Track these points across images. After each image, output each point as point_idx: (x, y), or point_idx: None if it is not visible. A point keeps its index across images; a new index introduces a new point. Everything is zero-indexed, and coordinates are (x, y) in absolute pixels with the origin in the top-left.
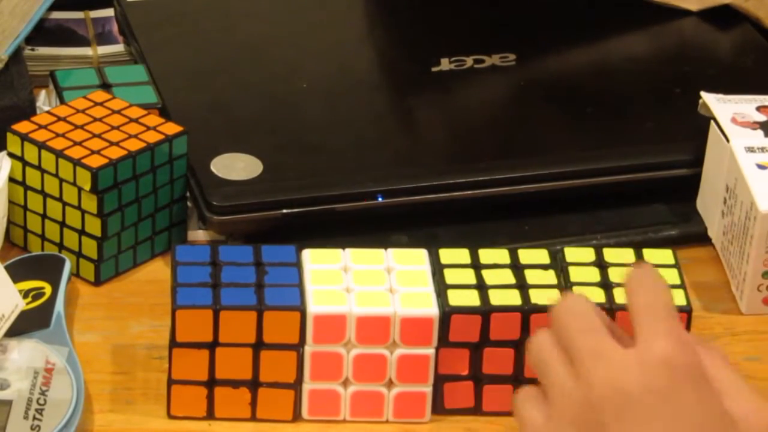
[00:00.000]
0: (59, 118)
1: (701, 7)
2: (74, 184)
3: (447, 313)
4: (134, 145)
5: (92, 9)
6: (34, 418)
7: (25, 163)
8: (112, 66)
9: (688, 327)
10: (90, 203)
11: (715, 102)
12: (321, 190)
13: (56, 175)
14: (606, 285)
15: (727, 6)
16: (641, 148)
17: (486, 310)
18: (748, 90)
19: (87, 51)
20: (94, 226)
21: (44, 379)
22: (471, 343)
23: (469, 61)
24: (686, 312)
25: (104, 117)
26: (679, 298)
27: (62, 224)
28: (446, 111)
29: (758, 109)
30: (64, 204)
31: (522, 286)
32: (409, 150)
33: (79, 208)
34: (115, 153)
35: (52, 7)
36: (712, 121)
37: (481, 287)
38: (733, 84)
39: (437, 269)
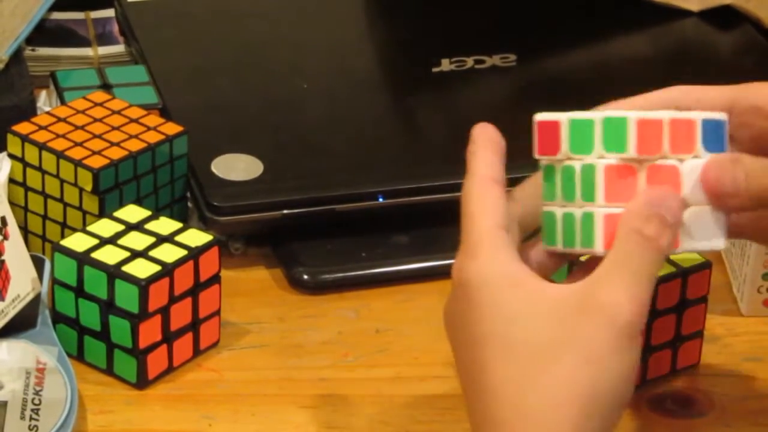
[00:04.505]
0: (59, 119)
1: (702, 8)
2: (75, 184)
3: None
4: (135, 146)
5: (93, 9)
6: (31, 418)
7: (26, 164)
8: (113, 66)
9: (708, 280)
10: (91, 204)
11: None
12: (321, 191)
13: (57, 176)
14: None
15: (728, 6)
16: None
17: None
18: None
19: (87, 51)
20: None
21: (37, 379)
22: None
23: (469, 61)
24: (707, 268)
25: (104, 117)
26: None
27: (63, 225)
28: (447, 111)
29: None
30: (65, 205)
31: None
32: (409, 150)
33: (80, 208)
34: (116, 153)
35: (53, 8)
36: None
37: None
38: (733, 85)
39: None
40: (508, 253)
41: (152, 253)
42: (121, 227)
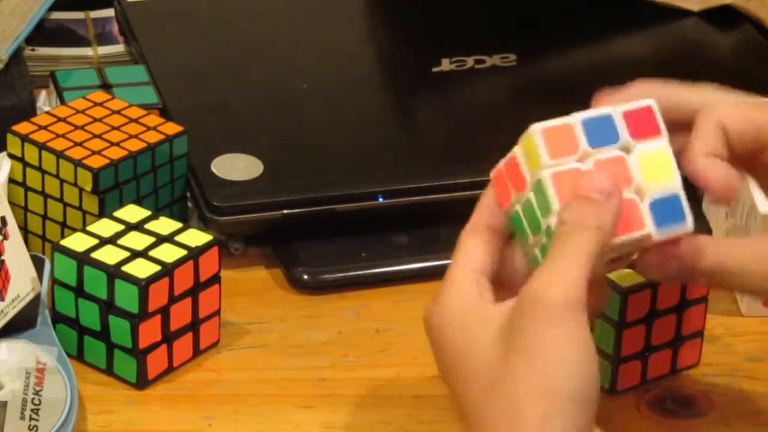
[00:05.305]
0: (59, 119)
1: (702, 8)
2: (75, 184)
3: None
4: (135, 146)
5: (92, 9)
6: (31, 418)
7: (26, 164)
8: (113, 66)
9: None
10: (91, 204)
11: None
12: (321, 191)
13: (57, 176)
14: None
15: (729, 6)
16: None
17: None
18: (748, 91)
19: (87, 51)
20: None
21: (36, 380)
22: None
23: (469, 61)
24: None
25: (104, 117)
26: None
27: (63, 225)
28: (447, 111)
29: None
30: (65, 205)
31: None
32: (409, 150)
33: (80, 208)
34: (116, 153)
35: (53, 8)
36: None
37: None
38: (733, 85)
39: None
40: (467, 289)
41: (152, 253)
42: (121, 227)
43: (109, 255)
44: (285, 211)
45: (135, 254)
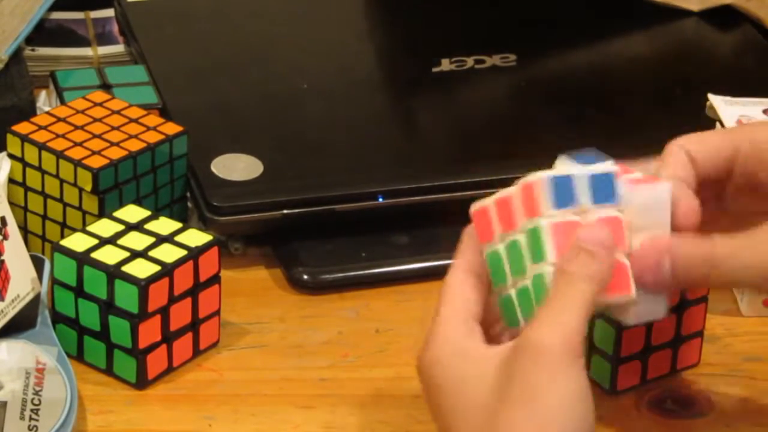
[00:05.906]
0: (59, 119)
1: (702, 8)
2: (75, 184)
3: None
4: (135, 146)
5: (92, 9)
6: (31, 418)
7: (26, 164)
8: (113, 66)
9: None
10: (91, 204)
11: (722, 104)
12: (321, 191)
13: (57, 176)
14: None
15: (729, 6)
16: (642, 149)
17: None
18: (748, 91)
19: (87, 51)
20: None
21: (36, 380)
22: None
23: (469, 61)
24: None
25: (104, 117)
26: None
27: (63, 225)
28: (447, 111)
29: (765, 112)
30: (65, 205)
31: None
32: (409, 150)
33: (80, 208)
34: (116, 153)
35: (53, 8)
36: (717, 124)
37: None
38: (733, 85)
39: None
40: (458, 332)
41: (152, 253)
42: (120, 227)
43: (109, 255)
44: (285, 211)
45: (135, 254)
